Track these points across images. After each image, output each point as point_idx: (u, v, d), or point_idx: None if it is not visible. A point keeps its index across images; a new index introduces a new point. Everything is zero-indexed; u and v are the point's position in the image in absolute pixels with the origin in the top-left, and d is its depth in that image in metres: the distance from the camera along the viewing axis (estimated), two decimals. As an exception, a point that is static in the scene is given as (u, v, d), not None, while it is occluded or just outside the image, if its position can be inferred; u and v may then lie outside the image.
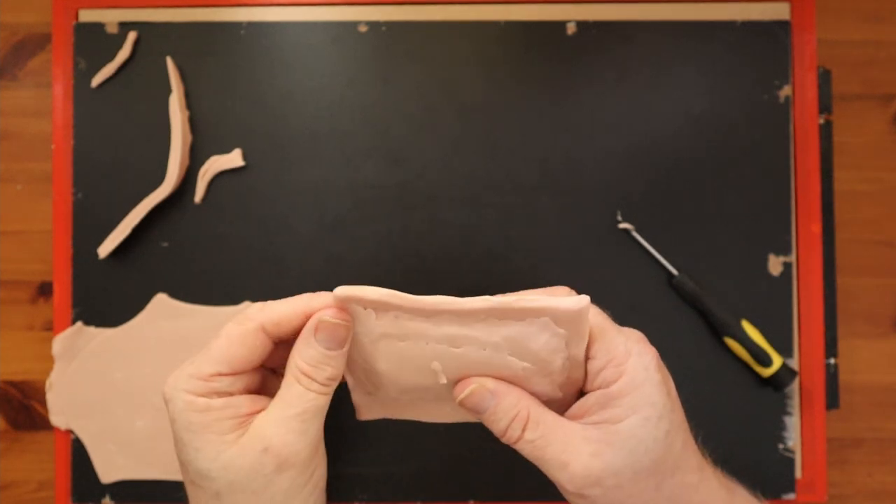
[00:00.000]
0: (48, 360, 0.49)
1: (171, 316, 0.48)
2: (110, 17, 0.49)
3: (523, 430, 0.34)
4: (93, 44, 0.49)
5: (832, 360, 0.49)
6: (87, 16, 0.50)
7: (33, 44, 0.53)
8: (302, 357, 0.33)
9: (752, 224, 0.48)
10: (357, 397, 0.38)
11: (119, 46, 0.49)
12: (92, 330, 0.49)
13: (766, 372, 0.47)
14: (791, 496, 0.48)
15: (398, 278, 0.49)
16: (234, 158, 0.48)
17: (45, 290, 0.52)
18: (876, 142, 0.53)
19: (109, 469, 0.48)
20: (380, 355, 0.35)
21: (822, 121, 0.50)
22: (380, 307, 0.34)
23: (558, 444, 0.34)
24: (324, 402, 0.33)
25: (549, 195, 0.48)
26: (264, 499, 0.32)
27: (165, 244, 0.49)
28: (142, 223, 0.48)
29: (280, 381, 0.34)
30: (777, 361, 0.47)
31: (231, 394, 0.33)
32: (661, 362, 0.35)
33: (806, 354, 0.49)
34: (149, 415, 0.48)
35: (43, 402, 0.50)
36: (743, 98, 0.49)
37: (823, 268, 0.49)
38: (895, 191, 0.53)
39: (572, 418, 0.35)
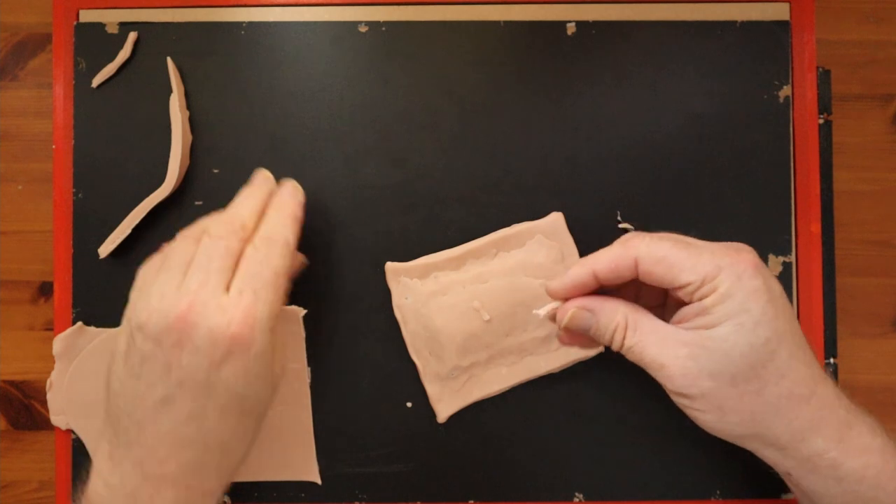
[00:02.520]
0: (48, 360, 0.49)
1: (171, 316, 0.48)
2: (110, 18, 0.49)
3: (624, 338, 0.37)
4: (93, 44, 0.49)
5: (832, 360, 0.49)
6: (87, 16, 0.50)
7: (34, 44, 0.53)
8: (288, 285, 0.41)
9: (752, 224, 0.49)
10: (431, 390, 0.47)
11: (119, 46, 0.49)
12: (92, 330, 0.49)
13: (766, 372, 0.47)
14: (791, 496, 0.48)
15: (398, 278, 0.49)
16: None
17: (45, 290, 0.52)
18: (875, 142, 0.53)
19: (110, 469, 0.48)
20: (433, 313, 0.45)
21: (821, 121, 0.50)
22: (421, 272, 0.46)
23: (655, 347, 0.36)
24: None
25: (549, 195, 0.49)
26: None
27: (165, 244, 0.49)
28: (142, 223, 0.48)
29: None
30: (777, 361, 0.47)
31: None
32: (760, 269, 0.36)
33: (806, 354, 0.49)
34: (149, 415, 0.48)
35: (43, 402, 0.50)
36: (743, 98, 0.49)
37: (823, 268, 0.49)
38: (895, 191, 0.53)
39: (674, 324, 0.37)
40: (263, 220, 0.40)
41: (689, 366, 0.35)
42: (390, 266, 0.47)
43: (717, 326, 0.35)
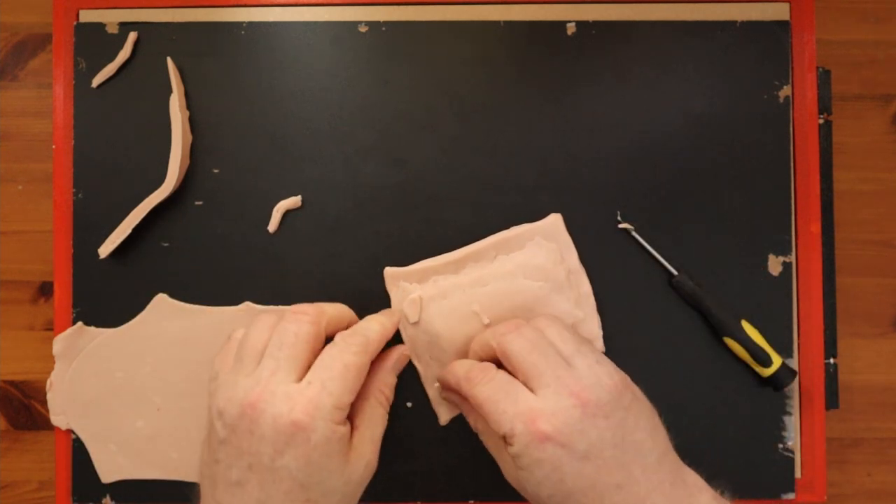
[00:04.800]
0: (49, 360, 0.49)
1: (171, 316, 0.48)
2: (111, 18, 0.49)
3: (476, 425, 0.43)
4: (93, 44, 0.49)
5: (832, 360, 0.49)
6: (87, 16, 0.50)
7: (34, 44, 0.53)
8: (388, 386, 0.43)
9: (752, 224, 0.49)
10: (433, 393, 0.47)
11: (119, 46, 0.49)
12: (92, 330, 0.49)
13: (766, 372, 0.47)
14: (790, 496, 0.48)
15: (398, 278, 0.49)
16: (295, 202, 0.48)
17: (45, 290, 0.52)
18: (875, 142, 0.53)
19: (109, 469, 0.48)
20: (433, 318, 0.45)
21: (821, 121, 0.50)
22: (420, 276, 0.47)
23: (492, 447, 0.42)
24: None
25: (549, 195, 0.49)
26: (355, 499, 0.40)
27: (165, 244, 0.49)
28: (142, 223, 0.48)
29: None
30: (777, 361, 0.47)
31: (346, 418, 0.39)
32: (551, 440, 0.36)
33: (805, 354, 0.49)
34: (149, 415, 0.48)
35: (43, 402, 0.50)
36: (743, 98, 0.49)
37: (823, 268, 0.49)
38: (895, 191, 0.53)
39: None
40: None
41: (510, 473, 0.39)
42: (389, 271, 0.47)
43: (519, 470, 0.37)
